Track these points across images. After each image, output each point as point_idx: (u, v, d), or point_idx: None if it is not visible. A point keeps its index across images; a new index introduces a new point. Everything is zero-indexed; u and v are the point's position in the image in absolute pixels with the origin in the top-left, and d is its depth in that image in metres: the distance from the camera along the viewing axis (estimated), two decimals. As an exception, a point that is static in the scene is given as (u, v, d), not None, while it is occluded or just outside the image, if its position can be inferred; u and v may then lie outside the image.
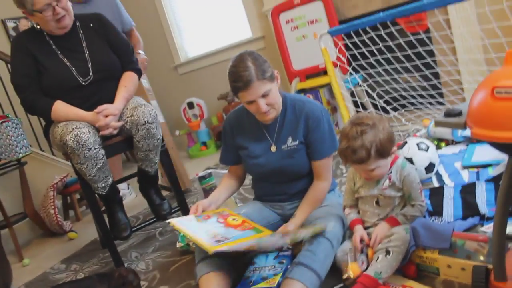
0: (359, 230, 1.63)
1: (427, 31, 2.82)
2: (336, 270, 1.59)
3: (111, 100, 2.16)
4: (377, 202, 1.66)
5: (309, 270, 1.51)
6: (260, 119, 1.79)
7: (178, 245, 2.25)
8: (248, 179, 2.08)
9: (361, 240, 1.59)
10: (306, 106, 1.82)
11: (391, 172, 1.64)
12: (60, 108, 2.10)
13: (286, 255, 1.75)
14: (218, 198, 1.93)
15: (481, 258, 1.37)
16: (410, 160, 2.14)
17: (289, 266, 1.60)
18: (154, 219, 2.41)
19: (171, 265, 2.18)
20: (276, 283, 1.60)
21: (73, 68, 2.14)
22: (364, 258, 1.53)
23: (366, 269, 1.49)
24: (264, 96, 1.69)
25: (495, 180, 1.95)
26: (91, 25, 2.24)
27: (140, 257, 2.40)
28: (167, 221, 1.75)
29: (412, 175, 1.63)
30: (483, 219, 1.71)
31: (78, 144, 1.96)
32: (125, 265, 2.27)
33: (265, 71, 1.67)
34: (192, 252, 2.15)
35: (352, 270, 1.50)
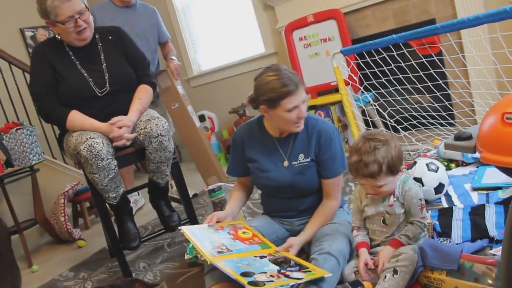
0: (363, 255, 1.64)
1: (439, 53, 2.84)
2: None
3: (125, 112, 2.20)
4: (383, 221, 1.67)
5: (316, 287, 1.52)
6: (291, 129, 1.81)
7: (186, 257, 2.27)
8: (257, 193, 2.10)
9: (366, 264, 1.60)
10: (319, 124, 1.85)
11: (395, 188, 1.66)
12: (76, 117, 2.15)
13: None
14: (234, 210, 1.96)
15: (489, 281, 1.37)
16: (420, 180, 2.16)
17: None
18: (163, 230, 2.43)
19: (178, 276, 2.19)
20: (283, 299, 1.60)
21: (90, 79, 2.19)
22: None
23: None
24: (303, 102, 1.75)
25: (505, 202, 1.95)
26: (110, 37, 2.29)
27: (148, 267, 2.42)
28: (179, 228, 1.78)
29: (413, 190, 1.63)
30: (492, 241, 1.71)
31: (91, 154, 2.00)
32: (133, 275, 2.29)
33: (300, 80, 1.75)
34: (200, 264, 2.17)
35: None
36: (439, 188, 2.17)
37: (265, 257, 1.65)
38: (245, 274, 1.45)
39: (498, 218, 1.85)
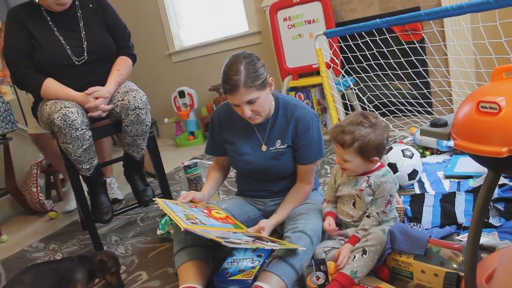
0: (328, 219, 1.72)
1: (421, 40, 2.86)
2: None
3: (103, 83, 2.16)
4: (353, 204, 1.70)
5: (287, 264, 1.54)
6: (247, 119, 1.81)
7: (159, 232, 2.26)
8: (233, 172, 2.10)
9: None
10: (298, 110, 1.83)
11: (370, 176, 1.68)
12: (51, 85, 2.10)
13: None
14: (210, 192, 1.96)
15: (454, 265, 1.41)
16: (394, 166, 2.18)
17: (267, 260, 1.62)
18: (136, 205, 2.41)
19: (150, 251, 2.19)
20: (253, 275, 1.61)
21: (68, 47, 2.13)
22: (321, 274, 1.53)
23: (323, 284, 1.52)
24: (250, 103, 1.69)
25: (475, 191, 1.99)
26: (90, 5, 2.23)
27: (120, 241, 2.41)
28: (154, 199, 1.77)
29: (389, 185, 1.65)
30: (460, 228, 1.76)
31: (65, 123, 1.96)
32: (105, 248, 2.27)
33: (256, 79, 1.67)
34: (172, 240, 2.16)
35: (329, 268, 1.54)
36: (413, 174, 2.20)
37: (238, 233, 1.66)
38: (220, 238, 1.45)
39: (467, 205, 1.89)
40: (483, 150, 1.04)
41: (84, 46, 2.16)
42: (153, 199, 1.79)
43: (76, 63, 2.14)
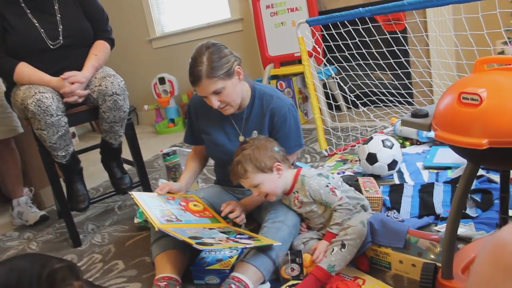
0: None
1: (403, 31, 2.86)
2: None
3: (79, 68, 2.10)
4: (314, 215, 1.69)
5: (265, 255, 1.52)
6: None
7: (136, 220, 2.23)
8: (212, 160, 2.08)
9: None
10: (274, 101, 1.80)
11: (297, 192, 1.68)
12: (24, 70, 2.03)
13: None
14: (188, 182, 1.94)
15: (432, 256, 1.41)
16: (374, 156, 2.18)
17: (245, 250, 1.61)
18: (114, 193, 2.37)
19: (127, 240, 2.16)
20: (230, 265, 1.60)
21: (42, 30, 2.06)
22: (296, 266, 1.52)
23: (297, 276, 1.51)
24: (216, 93, 1.66)
25: (453, 182, 2.01)
26: None
27: (96, 229, 2.37)
28: (130, 192, 1.73)
29: (313, 185, 1.64)
30: (438, 218, 1.76)
31: (39, 109, 1.90)
32: (81, 237, 2.23)
33: (219, 68, 1.63)
34: (150, 229, 2.13)
35: (305, 261, 1.53)
36: (392, 164, 2.21)
37: (214, 229, 1.64)
38: (193, 238, 1.43)
39: (446, 196, 1.90)
40: (464, 141, 1.03)
41: (60, 29, 2.09)
42: (129, 192, 1.75)
43: (51, 47, 2.07)
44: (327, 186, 1.63)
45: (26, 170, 2.79)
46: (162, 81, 4.54)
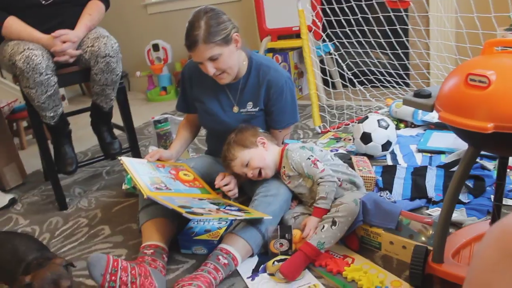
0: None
1: (406, 9, 2.80)
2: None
3: (71, 27, 2.02)
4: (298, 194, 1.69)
5: (254, 228, 1.51)
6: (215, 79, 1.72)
7: (124, 187, 2.20)
8: (204, 130, 2.04)
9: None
10: (271, 73, 1.75)
11: (284, 167, 1.68)
12: (13, 24, 1.95)
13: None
14: (178, 151, 1.91)
15: (423, 239, 1.41)
16: (369, 136, 2.16)
17: (234, 222, 1.59)
18: (102, 157, 2.32)
19: (114, 205, 2.13)
20: (219, 236, 1.59)
21: None
22: (285, 241, 1.50)
23: (285, 251, 1.50)
24: (212, 59, 1.62)
25: (446, 167, 2.00)
26: None
27: (83, 193, 2.33)
28: (119, 158, 1.69)
29: (295, 158, 1.64)
30: (429, 202, 1.76)
31: (28, 66, 1.83)
32: (67, 200, 2.19)
33: (217, 34, 1.59)
34: (138, 195, 2.10)
35: (294, 237, 1.51)
36: (386, 145, 2.19)
37: (204, 199, 1.61)
38: (182, 207, 1.41)
39: (438, 180, 1.89)
40: (468, 124, 1.01)
41: None
42: (118, 158, 1.70)
43: (43, 2, 1.99)
44: (309, 158, 1.62)
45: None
46: (156, 47, 4.44)
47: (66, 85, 2.10)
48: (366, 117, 2.26)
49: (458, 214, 1.61)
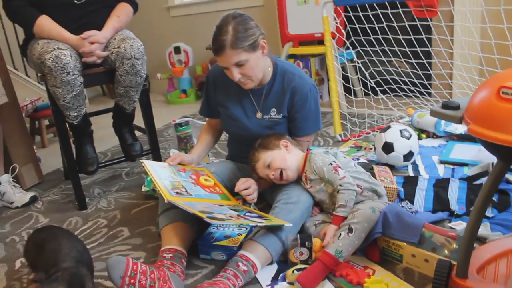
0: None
1: (432, 18, 2.76)
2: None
3: (99, 28, 2.05)
4: (326, 197, 1.67)
5: (275, 236, 1.49)
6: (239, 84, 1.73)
7: (144, 189, 2.20)
8: (225, 135, 2.04)
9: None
10: (296, 80, 1.75)
11: (306, 171, 1.69)
12: (45, 23, 1.98)
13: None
14: (200, 155, 1.92)
15: (446, 252, 1.38)
16: (391, 145, 2.13)
17: (254, 229, 1.58)
18: (123, 158, 2.33)
19: (133, 207, 2.13)
20: (239, 243, 1.58)
21: None
22: (305, 250, 1.48)
23: (305, 260, 1.48)
24: (239, 65, 1.62)
25: (469, 179, 1.96)
26: None
27: (102, 194, 2.35)
28: (140, 159, 1.70)
29: (318, 162, 1.64)
30: (452, 215, 1.72)
31: (57, 65, 1.85)
32: (87, 200, 2.21)
33: (244, 40, 1.59)
34: (157, 198, 2.10)
35: (315, 246, 1.49)
36: (408, 156, 2.16)
37: (224, 206, 1.60)
38: (203, 212, 1.40)
39: (461, 193, 1.86)
40: (499, 138, 0.98)
41: None
42: (140, 160, 1.71)
43: (76, 2, 2.02)
44: (331, 164, 1.62)
45: (5, 145, 2.46)
46: (177, 50, 4.47)
47: (90, 86, 2.12)
48: (389, 127, 2.23)
49: (482, 229, 1.57)
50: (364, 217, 1.45)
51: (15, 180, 2.40)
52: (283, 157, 1.68)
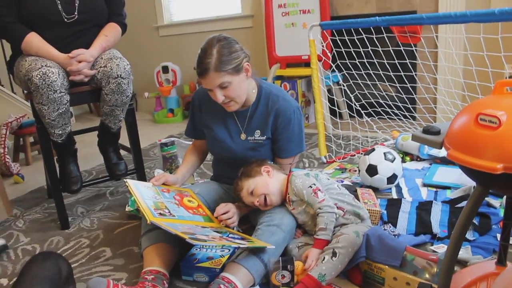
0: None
1: (415, 44, 2.83)
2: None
3: (88, 46, 2.06)
4: (309, 219, 1.67)
5: (257, 258, 1.49)
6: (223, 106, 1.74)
7: (127, 208, 2.19)
8: (210, 155, 2.05)
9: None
10: (280, 102, 1.77)
11: (289, 193, 1.70)
12: (34, 40, 1.99)
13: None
14: (184, 176, 1.92)
15: (427, 276, 1.38)
16: (375, 168, 2.15)
17: (237, 250, 1.57)
18: (107, 177, 2.32)
19: (116, 227, 2.11)
20: (221, 264, 1.57)
21: (59, 2, 2.02)
22: (287, 273, 1.48)
23: (287, 283, 1.47)
24: (222, 87, 1.64)
25: (452, 202, 1.98)
26: None
27: (86, 213, 2.32)
28: (124, 179, 1.69)
29: (298, 184, 1.65)
30: (434, 238, 1.74)
31: (44, 83, 1.85)
32: (69, 219, 2.18)
33: (228, 63, 1.61)
34: (140, 218, 2.09)
35: (297, 269, 1.49)
36: (392, 178, 2.18)
37: (207, 228, 1.60)
38: (185, 234, 1.39)
39: (443, 216, 1.88)
40: (477, 164, 1.00)
41: (76, 4, 2.05)
42: (124, 179, 1.70)
43: (66, 20, 2.03)
44: (310, 187, 1.63)
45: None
46: (165, 69, 4.49)
47: (76, 104, 2.11)
48: (373, 149, 2.25)
49: (463, 252, 1.59)
50: (348, 241, 1.46)
51: None
52: (265, 182, 1.68)
